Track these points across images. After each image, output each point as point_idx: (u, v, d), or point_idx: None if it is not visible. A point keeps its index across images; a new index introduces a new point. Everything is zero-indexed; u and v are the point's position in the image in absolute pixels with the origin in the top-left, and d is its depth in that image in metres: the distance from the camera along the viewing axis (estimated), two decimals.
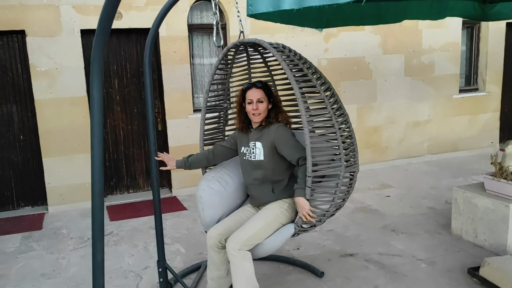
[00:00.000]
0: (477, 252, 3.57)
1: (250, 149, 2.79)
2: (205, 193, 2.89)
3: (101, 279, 1.98)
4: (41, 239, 4.17)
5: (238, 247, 2.50)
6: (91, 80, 1.82)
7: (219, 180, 3.00)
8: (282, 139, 2.68)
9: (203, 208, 2.88)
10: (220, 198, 2.94)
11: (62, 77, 4.76)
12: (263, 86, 2.79)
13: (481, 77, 6.90)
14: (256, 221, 2.63)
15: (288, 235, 2.64)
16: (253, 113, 2.74)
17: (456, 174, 5.81)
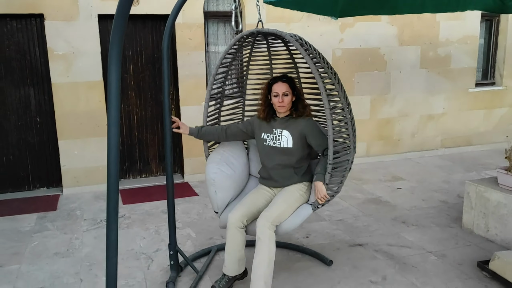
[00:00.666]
0: (488, 246, 3.56)
1: (275, 136, 2.98)
2: (217, 176, 2.99)
3: (115, 258, 2.02)
4: (55, 220, 4.26)
5: (268, 226, 2.68)
6: (109, 64, 1.84)
7: (227, 163, 3.10)
8: (313, 131, 2.94)
9: (215, 191, 2.98)
10: (231, 181, 3.07)
11: (79, 61, 4.81)
12: (288, 80, 2.99)
13: (498, 71, 6.80)
14: (281, 202, 2.84)
15: (307, 215, 2.85)
16: (279, 105, 2.95)
17: (469, 169, 5.77)
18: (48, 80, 4.85)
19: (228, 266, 2.84)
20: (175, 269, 3.14)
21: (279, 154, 2.98)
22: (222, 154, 3.14)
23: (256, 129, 3.09)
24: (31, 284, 3.10)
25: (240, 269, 2.88)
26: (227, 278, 2.86)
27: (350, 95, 5.89)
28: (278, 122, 3.01)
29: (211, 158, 3.10)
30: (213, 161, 3.07)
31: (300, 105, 3.01)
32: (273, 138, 3.00)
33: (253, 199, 2.95)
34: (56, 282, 3.12)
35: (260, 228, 2.68)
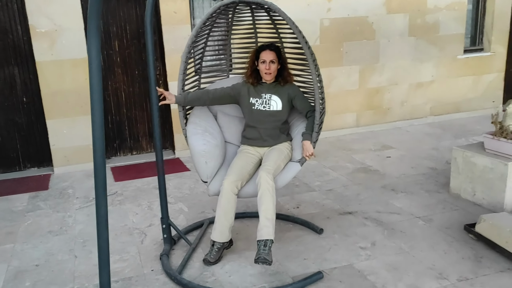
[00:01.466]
0: (475, 210, 3.64)
1: (265, 100, 3.16)
2: (207, 147, 3.08)
3: (106, 233, 2.04)
4: (47, 199, 4.27)
5: (270, 177, 2.87)
6: (88, 38, 1.82)
7: (210, 133, 3.18)
8: (299, 95, 3.20)
9: (206, 162, 3.06)
10: (219, 150, 3.16)
11: (62, 39, 4.73)
12: (276, 49, 3.15)
13: (486, 37, 6.79)
14: (275, 157, 3.05)
15: (296, 170, 3.07)
16: (265, 72, 3.12)
17: (458, 135, 5.83)
18: (32, 58, 4.78)
19: (220, 233, 2.93)
20: (169, 242, 3.19)
21: (268, 117, 3.17)
22: (200, 125, 3.20)
23: (243, 94, 3.21)
24: (26, 262, 3.13)
25: (229, 236, 2.99)
26: (217, 246, 2.96)
27: (339, 65, 5.87)
28: (266, 88, 3.20)
29: (192, 131, 3.16)
30: (196, 133, 3.13)
31: (285, 73, 3.20)
32: (262, 102, 3.17)
33: (242, 164, 3.07)
34: (51, 259, 3.16)
35: (263, 179, 2.85)
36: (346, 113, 6.09)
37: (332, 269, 2.89)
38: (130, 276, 2.91)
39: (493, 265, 2.85)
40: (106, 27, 5.07)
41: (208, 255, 2.97)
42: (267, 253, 2.71)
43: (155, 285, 2.80)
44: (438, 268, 2.85)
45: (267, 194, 2.83)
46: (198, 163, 3.08)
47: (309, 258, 3.03)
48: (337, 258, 3.02)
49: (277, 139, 3.18)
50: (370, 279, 2.76)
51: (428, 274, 2.79)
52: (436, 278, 2.75)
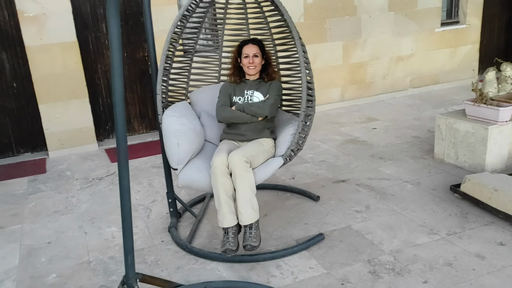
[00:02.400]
0: (458, 172, 3.90)
1: (247, 97, 3.12)
2: (181, 127, 2.89)
3: (128, 202, 2.18)
4: (47, 181, 4.35)
5: (244, 159, 2.71)
6: (108, 17, 1.93)
7: (188, 119, 3.03)
8: (272, 91, 3.10)
9: (178, 143, 2.85)
10: (195, 135, 2.98)
11: (51, 22, 4.74)
12: (259, 43, 3.13)
13: (462, 10, 7.03)
14: (255, 146, 2.93)
15: (277, 166, 2.90)
16: (249, 66, 3.09)
17: (437, 105, 6.10)
18: (21, 43, 4.78)
19: (226, 218, 2.72)
20: (175, 215, 3.34)
21: None
22: (179, 112, 3.06)
23: (231, 93, 3.16)
24: (38, 240, 3.25)
25: (236, 218, 2.76)
26: (231, 231, 2.72)
27: (323, 42, 6.03)
28: (249, 85, 3.16)
29: (168, 114, 2.98)
30: (172, 116, 2.95)
31: (270, 69, 3.17)
32: (245, 99, 3.12)
33: (227, 147, 2.93)
34: (61, 236, 3.28)
35: (234, 163, 2.69)
36: (331, 88, 6.28)
37: (332, 231, 3.10)
38: (142, 247, 3.06)
39: (478, 219, 3.11)
40: (93, 9, 5.09)
41: (226, 245, 2.66)
42: (253, 235, 2.67)
43: (167, 254, 2.96)
44: (428, 225, 3.10)
45: (240, 178, 2.68)
46: (169, 144, 2.87)
47: (309, 223, 3.23)
48: (335, 221, 3.23)
49: (258, 134, 3.06)
50: (367, 238, 2.99)
51: (420, 231, 3.03)
52: (428, 233, 2.99)
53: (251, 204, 2.72)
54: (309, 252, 2.87)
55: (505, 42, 7.69)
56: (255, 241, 2.68)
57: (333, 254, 2.83)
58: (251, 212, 2.72)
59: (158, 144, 5.22)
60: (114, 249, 3.07)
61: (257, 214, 2.76)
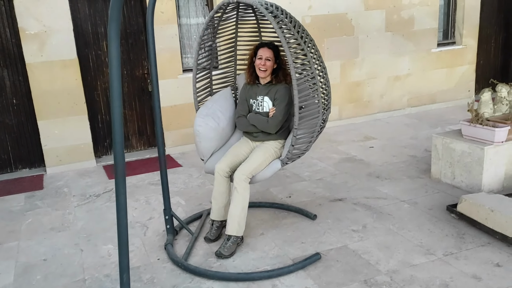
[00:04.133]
0: (455, 192, 3.91)
1: (259, 102, 3.32)
2: (202, 128, 3.31)
3: (125, 219, 2.19)
4: (44, 198, 4.35)
5: (244, 178, 3.07)
6: (109, 40, 1.97)
7: (213, 117, 3.38)
8: (280, 97, 3.24)
9: (200, 141, 3.32)
10: (215, 133, 3.37)
11: (52, 40, 4.80)
12: (274, 48, 3.28)
13: (458, 31, 7.13)
14: (258, 156, 3.19)
15: (276, 168, 3.19)
16: (260, 67, 3.25)
17: (434, 125, 6.14)
18: (22, 60, 4.83)
19: (216, 211, 3.26)
20: (171, 233, 3.34)
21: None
22: (209, 108, 3.40)
23: (246, 96, 3.41)
24: (33, 257, 3.23)
25: (226, 215, 3.23)
26: (216, 224, 3.29)
27: None
28: (261, 89, 3.33)
29: (199, 112, 3.37)
30: (200, 115, 3.35)
31: (280, 73, 3.30)
32: (257, 104, 3.35)
33: (236, 151, 3.30)
34: (57, 253, 3.27)
35: (236, 180, 3.08)
36: None
37: (328, 250, 3.09)
38: (138, 265, 3.05)
39: (475, 240, 3.12)
40: (94, 28, 5.15)
41: (208, 234, 3.29)
42: (228, 246, 3.06)
43: (163, 273, 2.95)
44: (425, 245, 3.10)
45: (237, 194, 3.06)
46: (195, 141, 3.37)
47: (306, 242, 3.23)
48: (332, 241, 3.23)
49: (268, 136, 3.29)
50: (364, 257, 2.98)
51: (416, 251, 3.03)
52: (424, 254, 2.99)
53: (238, 220, 3.08)
54: (306, 271, 2.86)
55: (501, 62, 7.78)
56: (226, 251, 3.05)
57: (330, 274, 2.82)
58: (235, 226, 3.08)
59: (156, 161, 5.27)
60: (110, 267, 3.06)
61: (240, 231, 3.11)
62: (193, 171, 4.86)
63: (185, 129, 5.53)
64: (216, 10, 3.21)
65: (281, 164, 3.18)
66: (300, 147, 3.10)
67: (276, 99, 3.24)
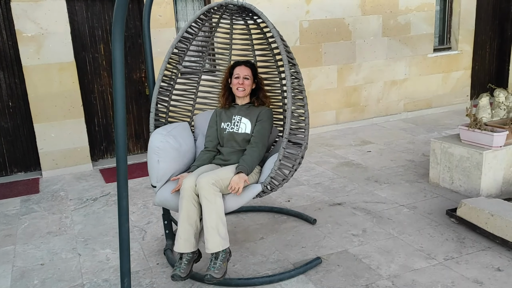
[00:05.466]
0: (453, 196, 3.92)
1: (234, 122, 3.02)
2: (162, 145, 2.86)
3: (126, 224, 2.16)
4: (40, 202, 4.30)
5: (212, 182, 2.58)
6: (113, 41, 1.95)
7: (174, 137, 2.99)
8: (262, 120, 2.98)
9: (158, 160, 2.83)
10: (177, 154, 2.94)
11: (49, 42, 4.76)
12: (252, 66, 3.08)
13: (454, 36, 7.18)
14: (231, 170, 2.76)
15: (255, 192, 2.78)
16: (238, 87, 3.02)
17: (430, 130, 6.16)
18: (18, 63, 4.79)
19: (185, 241, 2.64)
20: (170, 237, 3.30)
21: (237, 139, 3.00)
22: (169, 131, 3.01)
23: (217, 121, 3.11)
24: (30, 261, 3.19)
25: (197, 245, 2.72)
26: (186, 258, 2.66)
27: (318, 65, 6.11)
28: (238, 109, 3.07)
29: (157, 131, 2.97)
30: (159, 133, 2.93)
31: (261, 94, 3.09)
32: (232, 124, 3.03)
33: (203, 169, 2.86)
34: (55, 258, 3.23)
35: (200, 185, 2.57)
36: (326, 110, 6.33)
37: (329, 255, 3.08)
38: (137, 270, 3.02)
39: (475, 244, 3.12)
40: (92, 31, 5.13)
41: (177, 270, 2.59)
42: (218, 266, 2.54)
43: (163, 277, 2.92)
44: (425, 249, 3.09)
45: (206, 202, 2.57)
46: (150, 161, 2.86)
47: (306, 246, 3.21)
48: (333, 245, 3.22)
49: None
50: (365, 262, 2.97)
51: (417, 255, 3.02)
52: (425, 258, 2.98)
53: (218, 231, 2.56)
54: (307, 276, 2.84)
55: (496, 68, 7.84)
56: (217, 272, 2.52)
57: (331, 279, 2.80)
58: (217, 240, 2.56)
59: None
60: (109, 271, 3.02)
61: (225, 243, 2.60)
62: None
63: None
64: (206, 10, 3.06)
65: (262, 187, 2.77)
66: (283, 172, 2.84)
67: (260, 120, 2.97)
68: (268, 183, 2.79)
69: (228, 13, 3.30)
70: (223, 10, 3.25)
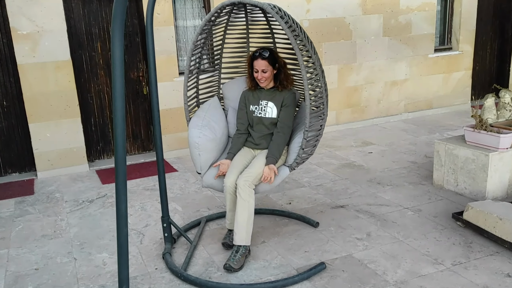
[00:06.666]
0: (458, 199, 3.84)
1: (262, 107, 3.19)
2: (200, 140, 3.13)
3: (125, 228, 2.06)
4: (35, 203, 4.19)
5: (248, 184, 2.94)
6: (112, 38, 1.84)
7: (209, 127, 3.22)
8: (288, 106, 3.15)
9: (199, 154, 3.15)
10: (213, 144, 3.21)
11: (45, 41, 4.65)
12: (268, 57, 3.09)
13: (454, 37, 7.11)
14: (259, 164, 3.04)
15: (284, 175, 3.09)
16: (259, 79, 3.15)
17: (432, 131, 6.08)
18: (13, 61, 4.67)
19: (232, 221, 3.11)
20: (169, 241, 3.21)
21: (265, 123, 3.20)
22: (203, 118, 3.23)
23: (246, 103, 3.26)
24: (24, 266, 3.09)
25: None
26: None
27: None
28: (264, 94, 3.21)
29: (193, 123, 3.20)
30: (195, 126, 3.18)
31: (282, 77, 3.17)
32: (260, 109, 3.20)
33: (239, 163, 3.12)
34: (49, 262, 3.12)
35: (239, 186, 2.94)
36: None
37: (333, 260, 2.99)
38: (135, 275, 2.92)
39: (483, 249, 3.04)
40: (88, 29, 5.02)
41: (226, 239, 3.18)
42: (237, 259, 2.90)
43: (162, 283, 2.83)
44: (432, 254, 3.01)
45: (242, 202, 2.93)
46: (192, 154, 3.17)
47: (309, 251, 3.13)
48: (336, 249, 3.13)
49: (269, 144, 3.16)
50: (370, 267, 2.88)
51: (424, 260, 2.94)
52: (432, 263, 2.90)
53: (246, 228, 2.95)
54: (311, 282, 2.75)
55: (496, 68, 7.77)
56: (236, 264, 2.89)
57: (336, 285, 2.71)
58: (244, 235, 2.95)
59: (151, 166, 5.14)
60: (106, 276, 2.92)
61: (248, 239, 2.98)
62: (190, 176, 4.73)
63: (181, 133, 5.40)
64: (213, 13, 3.10)
65: (289, 170, 3.09)
66: (307, 150, 3.05)
67: (285, 105, 3.14)
68: (295, 165, 3.08)
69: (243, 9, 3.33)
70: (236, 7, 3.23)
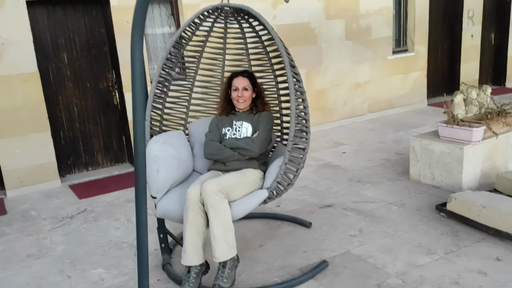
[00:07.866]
0: (436, 192, 4.04)
1: (236, 128, 2.99)
2: (161, 154, 2.76)
3: (145, 239, 2.03)
4: (11, 223, 3.98)
5: (218, 189, 2.53)
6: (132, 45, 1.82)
7: (172, 145, 2.89)
8: (264, 120, 2.95)
9: (158, 170, 2.72)
10: (176, 162, 2.85)
11: (10, 52, 4.44)
12: (249, 76, 3.03)
13: (410, 39, 7.47)
14: (235, 176, 2.75)
15: (262, 198, 2.74)
16: (238, 99, 2.97)
17: (397, 129, 6.35)
18: None
19: (194, 253, 2.58)
20: (167, 252, 3.15)
21: None
22: (165, 139, 2.93)
23: (218, 125, 3.04)
24: None
25: (204, 256, 2.64)
26: (194, 271, 2.61)
27: None
28: (238, 116, 3.03)
29: (154, 139, 2.86)
30: (156, 142, 2.83)
31: (259, 102, 3.03)
32: (234, 129, 2.99)
33: (206, 177, 2.79)
34: (42, 282, 2.98)
35: (206, 193, 2.51)
36: None
37: (332, 257, 3.06)
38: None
39: (469, 237, 3.22)
40: (54, 39, 4.85)
41: (186, 285, 2.55)
42: (226, 275, 2.50)
43: None
44: (424, 245, 3.15)
45: (213, 211, 2.51)
46: (149, 171, 2.70)
47: (308, 250, 3.18)
48: (333, 247, 3.20)
49: (243, 164, 2.88)
50: (370, 262, 2.98)
51: (418, 251, 3.07)
52: (426, 253, 3.04)
53: (226, 239, 2.52)
54: (316, 280, 2.81)
55: (448, 68, 8.24)
56: (226, 282, 2.48)
57: (341, 281, 2.78)
58: (225, 248, 2.52)
59: (127, 177, 5.03)
60: None
61: (233, 250, 2.56)
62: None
63: None
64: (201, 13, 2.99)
65: (268, 193, 2.72)
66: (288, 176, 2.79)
67: (260, 122, 2.93)
68: (274, 188, 2.74)
69: (223, 16, 3.23)
70: (217, 13, 3.17)
